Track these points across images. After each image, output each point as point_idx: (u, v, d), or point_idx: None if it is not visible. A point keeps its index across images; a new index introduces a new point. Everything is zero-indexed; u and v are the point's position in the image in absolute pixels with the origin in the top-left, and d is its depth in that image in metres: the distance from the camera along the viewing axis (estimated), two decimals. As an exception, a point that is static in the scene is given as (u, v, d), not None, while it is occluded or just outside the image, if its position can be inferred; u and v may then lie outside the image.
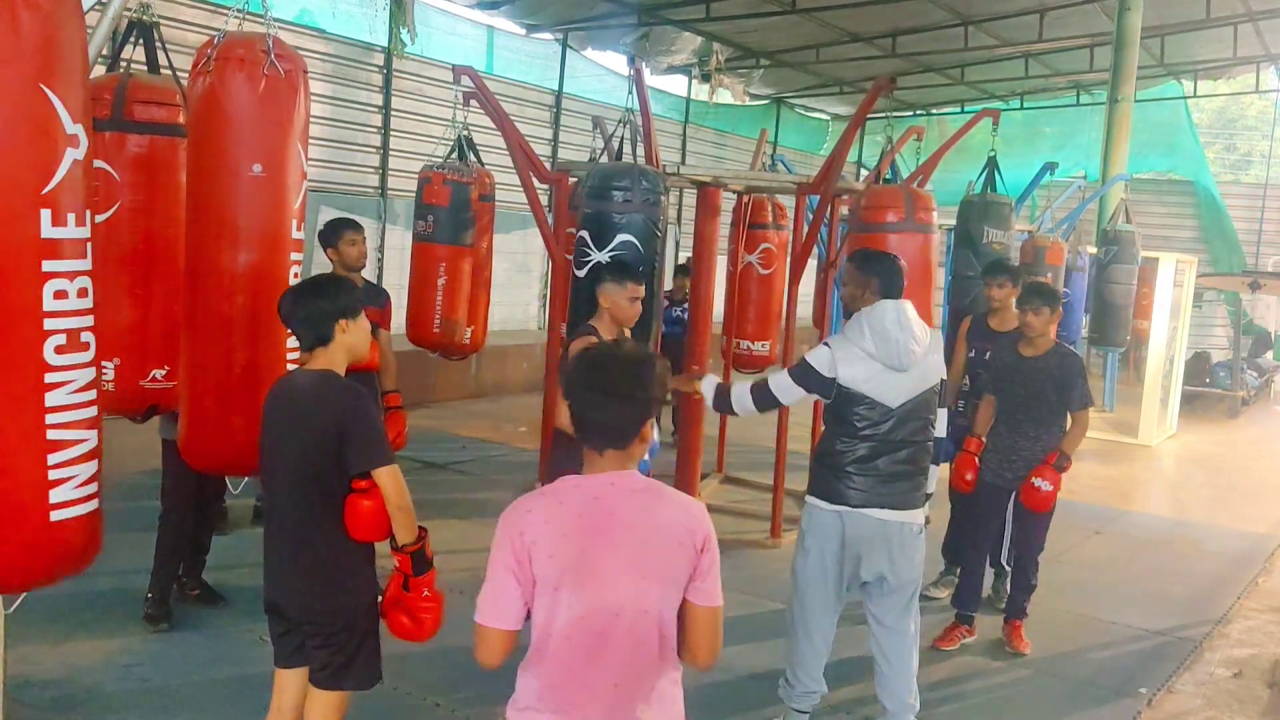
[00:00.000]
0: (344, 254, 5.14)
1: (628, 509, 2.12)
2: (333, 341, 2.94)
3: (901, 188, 6.26)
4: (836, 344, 3.80)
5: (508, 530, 2.11)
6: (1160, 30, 14.52)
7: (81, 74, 2.68)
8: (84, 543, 2.85)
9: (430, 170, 7.53)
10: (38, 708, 3.88)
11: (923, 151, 8.43)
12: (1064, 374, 4.93)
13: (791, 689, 4.01)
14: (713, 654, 2.22)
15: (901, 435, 3.77)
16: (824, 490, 3.88)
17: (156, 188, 4.27)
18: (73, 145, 2.63)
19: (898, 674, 3.93)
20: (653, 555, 2.11)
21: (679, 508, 2.19)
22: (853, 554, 3.83)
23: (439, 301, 7.53)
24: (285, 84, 3.67)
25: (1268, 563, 7.12)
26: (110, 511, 6.67)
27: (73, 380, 2.70)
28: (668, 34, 13.92)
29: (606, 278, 4.19)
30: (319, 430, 2.86)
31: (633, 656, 2.11)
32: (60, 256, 2.66)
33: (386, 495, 2.87)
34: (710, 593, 2.19)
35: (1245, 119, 29.24)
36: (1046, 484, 4.84)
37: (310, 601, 2.94)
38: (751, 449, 8.93)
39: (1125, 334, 12.29)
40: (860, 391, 3.73)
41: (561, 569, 2.06)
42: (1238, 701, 4.79)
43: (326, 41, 10.55)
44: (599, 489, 2.14)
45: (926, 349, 3.80)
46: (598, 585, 2.07)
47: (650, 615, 2.11)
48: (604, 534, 2.09)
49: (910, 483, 3.83)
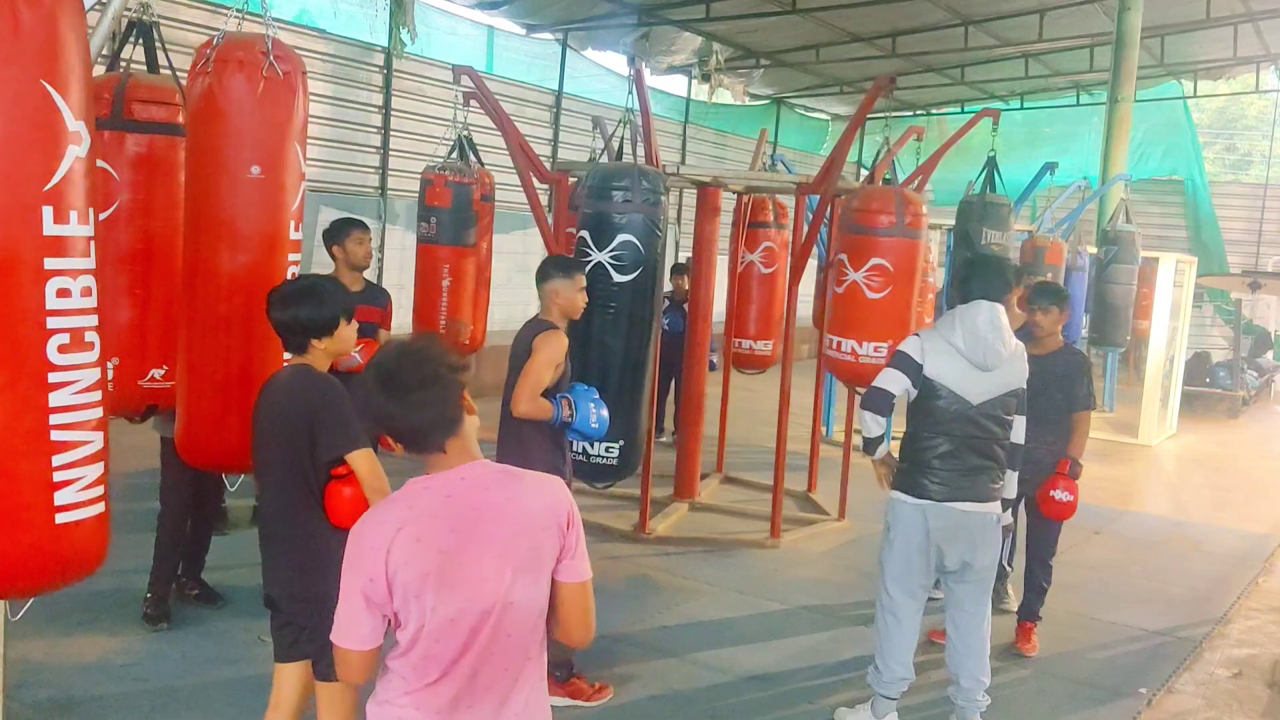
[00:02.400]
0: (350, 253, 5.15)
1: (485, 502, 2.03)
2: (308, 352, 3.04)
3: (894, 191, 6.24)
4: (926, 335, 4.02)
5: (359, 545, 2.00)
6: (1160, 30, 14.52)
7: (83, 71, 2.67)
8: (91, 546, 2.82)
9: (432, 172, 7.54)
10: (36, 708, 3.88)
11: (922, 151, 8.42)
12: (1070, 374, 4.96)
13: (880, 675, 4.15)
14: (587, 629, 2.14)
15: (981, 433, 3.96)
16: (908, 485, 4.05)
17: (156, 187, 4.26)
18: (75, 142, 2.62)
19: (975, 652, 4.14)
20: (520, 544, 2.02)
21: (538, 490, 2.10)
22: (936, 545, 4.02)
23: (444, 303, 7.55)
24: (284, 86, 3.67)
25: (1268, 563, 7.12)
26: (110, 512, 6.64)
27: (77, 380, 2.68)
28: (668, 34, 13.92)
29: (555, 273, 4.16)
30: (292, 422, 2.93)
31: (502, 648, 2.04)
32: (63, 254, 2.63)
33: (361, 478, 2.92)
34: (578, 569, 2.10)
35: (1245, 119, 29.21)
36: (1066, 494, 4.85)
37: (297, 591, 2.99)
38: (751, 449, 8.93)
39: (1125, 334, 12.28)
40: (943, 384, 3.92)
41: (422, 575, 1.96)
42: (1238, 701, 4.79)
43: (326, 41, 10.55)
44: (449, 486, 2.03)
45: (1012, 354, 4.00)
46: (465, 587, 1.98)
47: (518, 606, 2.03)
48: (463, 532, 1.99)
49: (988, 476, 4.02)
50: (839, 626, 5.33)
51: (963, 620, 4.15)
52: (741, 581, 5.90)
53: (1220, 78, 18.44)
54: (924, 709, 4.42)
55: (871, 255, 6.12)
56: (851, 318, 6.22)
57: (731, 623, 5.33)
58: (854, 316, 6.20)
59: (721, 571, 6.08)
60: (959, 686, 4.16)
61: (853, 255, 6.23)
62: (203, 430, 3.85)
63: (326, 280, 3.26)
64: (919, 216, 6.20)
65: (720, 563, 6.25)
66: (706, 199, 7.31)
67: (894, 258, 6.09)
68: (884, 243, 6.08)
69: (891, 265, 6.08)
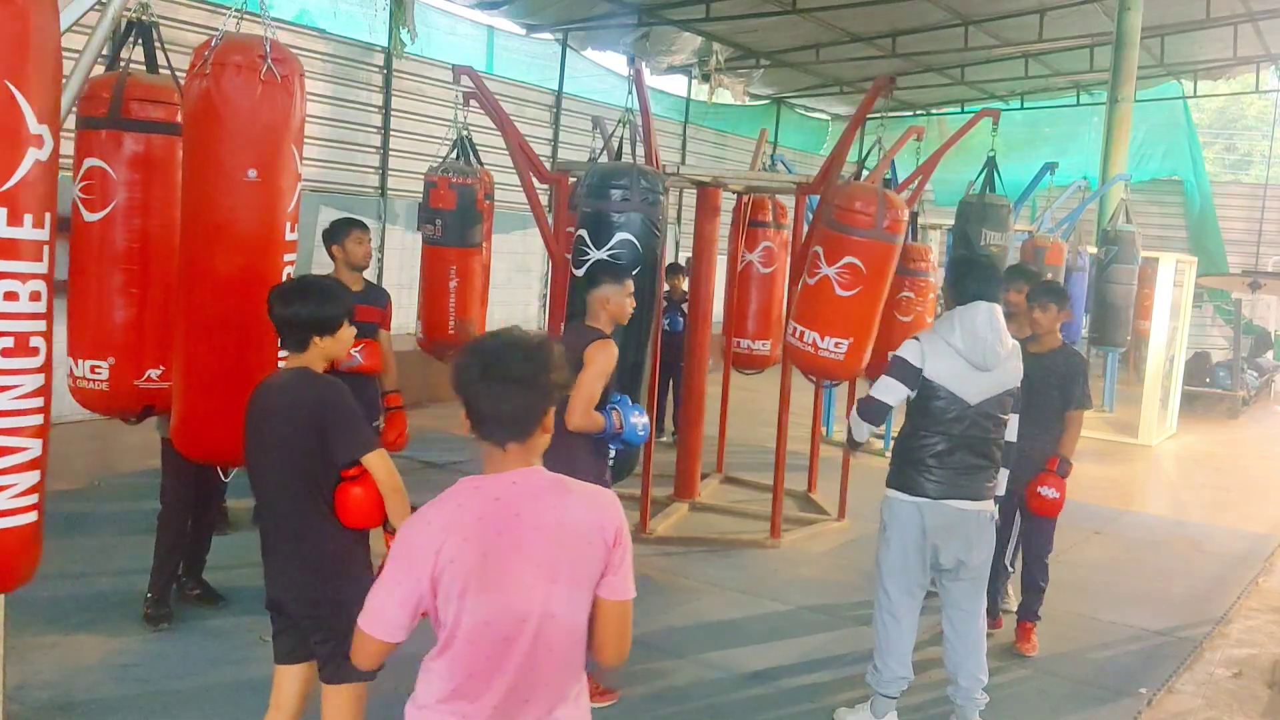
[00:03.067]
0: (350, 252, 5.14)
1: (533, 510, 2.01)
2: (306, 351, 3.00)
3: (876, 190, 6.21)
4: (926, 338, 4.03)
5: (409, 541, 2.01)
6: (1160, 30, 14.51)
7: (52, 75, 2.63)
8: (20, 555, 2.71)
9: (435, 174, 7.54)
10: (36, 708, 3.88)
11: (922, 152, 8.42)
12: (1068, 373, 4.98)
13: (880, 674, 4.16)
14: (621, 650, 2.12)
15: (977, 432, 3.99)
16: (903, 483, 4.08)
17: (153, 187, 4.25)
18: (36, 145, 2.57)
19: (971, 651, 4.15)
20: (562, 557, 2.01)
21: (588, 503, 2.07)
22: (931, 543, 4.03)
23: (452, 304, 7.54)
24: (281, 88, 3.67)
25: (1268, 563, 7.11)
26: (110, 512, 6.66)
27: (18, 385, 2.62)
28: (668, 34, 13.92)
29: (605, 279, 4.24)
30: (297, 426, 2.89)
31: (539, 661, 2.01)
32: (13, 257, 2.58)
33: (378, 478, 2.90)
34: (621, 587, 2.08)
35: (1245, 119, 29.21)
36: (1052, 491, 4.89)
37: (310, 595, 2.96)
38: (751, 449, 8.93)
39: (1125, 334, 12.28)
40: (943, 385, 3.93)
41: (465, 575, 1.96)
42: (1238, 701, 4.79)
43: (326, 41, 10.54)
44: (500, 489, 2.03)
45: (1010, 353, 4.02)
46: (502, 591, 1.97)
47: (559, 620, 2.01)
48: (507, 538, 1.98)
49: (984, 474, 4.05)
50: (839, 626, 5.33)
51: (959, 619, 4.16)
52: (742, 581, 5.90)
53: (1220, 78, 18.42)
54: (925, 709, 4.42)
55: (846, 254, 6.08)
56: (818, 311, 6.19)
57: (732, 622, 5.33)
58: (821, 310, 6.17)
59: (722, 571, 6.08)
60: (958, 686, 4.17)
61: (828, 250, 6.17)
62: (198, 424, 3.86)
63: (330, 280, 3.26)
64: (899, 221, 6.16)
65: (720, 563, 6.25)
66: (706, 199, 7.31)
67: (867, 258, 6.04)
68: (860, 243, 6.05)
69: (864, 265, 6.04)
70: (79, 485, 6.67)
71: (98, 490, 6.69)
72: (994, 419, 4.02)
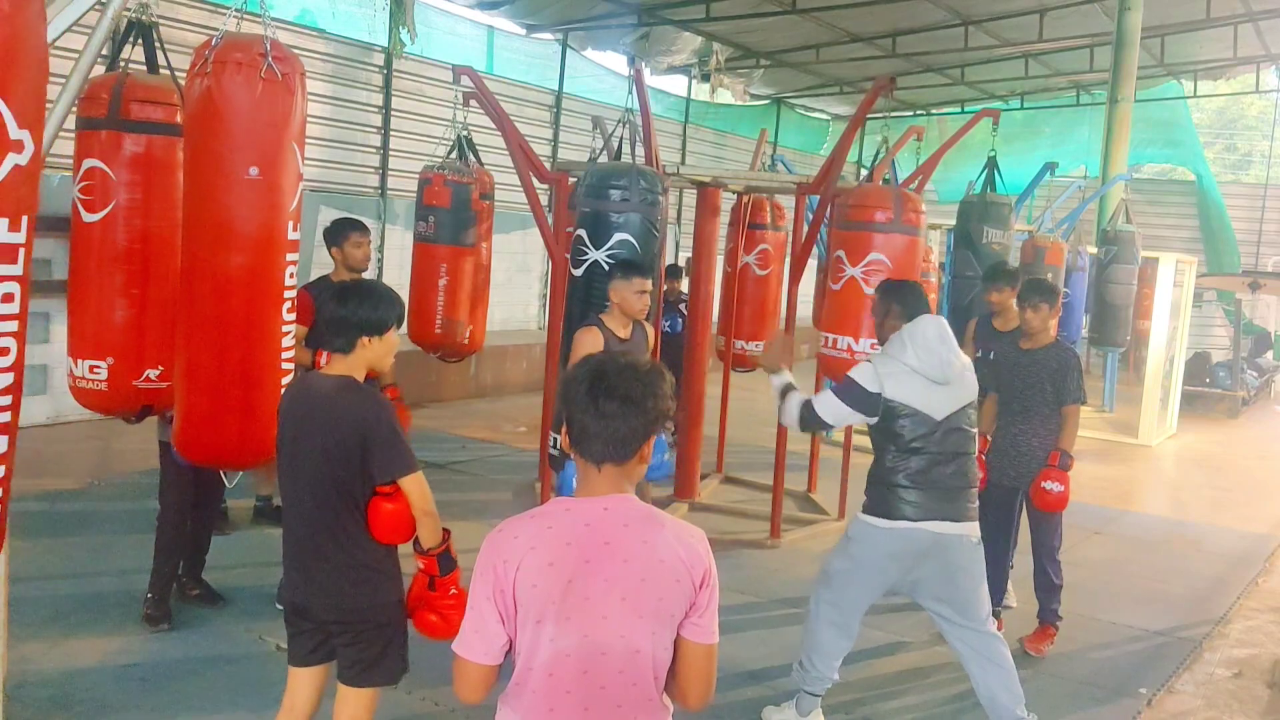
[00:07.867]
0: (349, 255, 5.13)
1: (623, 540, 1.96)
2: (353, 353, 2.99)
3: (891, 189, 6.24)
4: (879, 360, 3.91)
5: (490, 555, 1.95)
6: (1160, 30, 14.52)
7: (36, 80, 2.59)
8: None
9: (431, 171, 7.53)
10: (37, 707, 3.87)
11: (923, 151, 8.42)
12: (1061, 368, 5.02)
13: (807, 673, 4.10)
14: (705, 695, 2.04)
15: (948, 448, 3.88)
16: (881, 508, 3.92)
17: (153, 187, 4.24)
18: (15, 150, 2.53)
19: (1005, 684, 3.99)
20: (648, 591, 1.95)
21: (679, 540, 2.02)
22: (905, 566, 3.92)
23: (440, 302, 7.54)
24: (282, 87, 3.66)
25: (1268, 563, 7.12)
26: (110, 512, 6.65)
27: None
28: (668, 34, 13.92)
29: (616, 274, 4.39)
30: (340, 437, 2.89)
31: (619, 697, 1.95)
32: None
33: (412, 502, 2.93)
34: (707, 630, 2.03)
35: (1245, 119, 29.22)
36: (1056, 485, 4.90)
37: (342, 601, 2.97)
38: (751, 449, 8.93)
39: (1125, 334, 12.29)
40: (907, 404, 3.82)
41: (545, 600, 1.90)
42: (1238, 701, 4.79)
43: (326, 41, 10.55)
44: (592, 514, 1.97)
45: (964, 365, 3.95)
46: (584, 620, 1.91)
47: (641, 655, 1.95)
48: (595, 565, 1.92)
49: (962, 495, 3.93)
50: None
51: (977, 669, 4.00)
52: (741, 581, 5.90)
53: (1220, 78, 18.46)
54: (924, 708, 4.42)
55: (870, 250, 6.10)
56: (849, 313, 6.19)
57: (731, 622, 5.30)
58: (852, 312, 6.17)
59: (721, 571, 5.96)
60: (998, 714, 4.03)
61: (850, 251, 6.20)
62: (200, 427, 3.85)
63: (384, 285, 3.27)
64: (918, 214, 6.19)
65: (720, 562, 6.14)
66: (707, 199, 7.31)
67: (892, 253, 6.07)
68: (882, 238, 6.07)
69: (890, 260, 6.07)
70: (78, 485, 6.67)
71: (97, 490, 6.69)
72: (963, 431, 3.92)
